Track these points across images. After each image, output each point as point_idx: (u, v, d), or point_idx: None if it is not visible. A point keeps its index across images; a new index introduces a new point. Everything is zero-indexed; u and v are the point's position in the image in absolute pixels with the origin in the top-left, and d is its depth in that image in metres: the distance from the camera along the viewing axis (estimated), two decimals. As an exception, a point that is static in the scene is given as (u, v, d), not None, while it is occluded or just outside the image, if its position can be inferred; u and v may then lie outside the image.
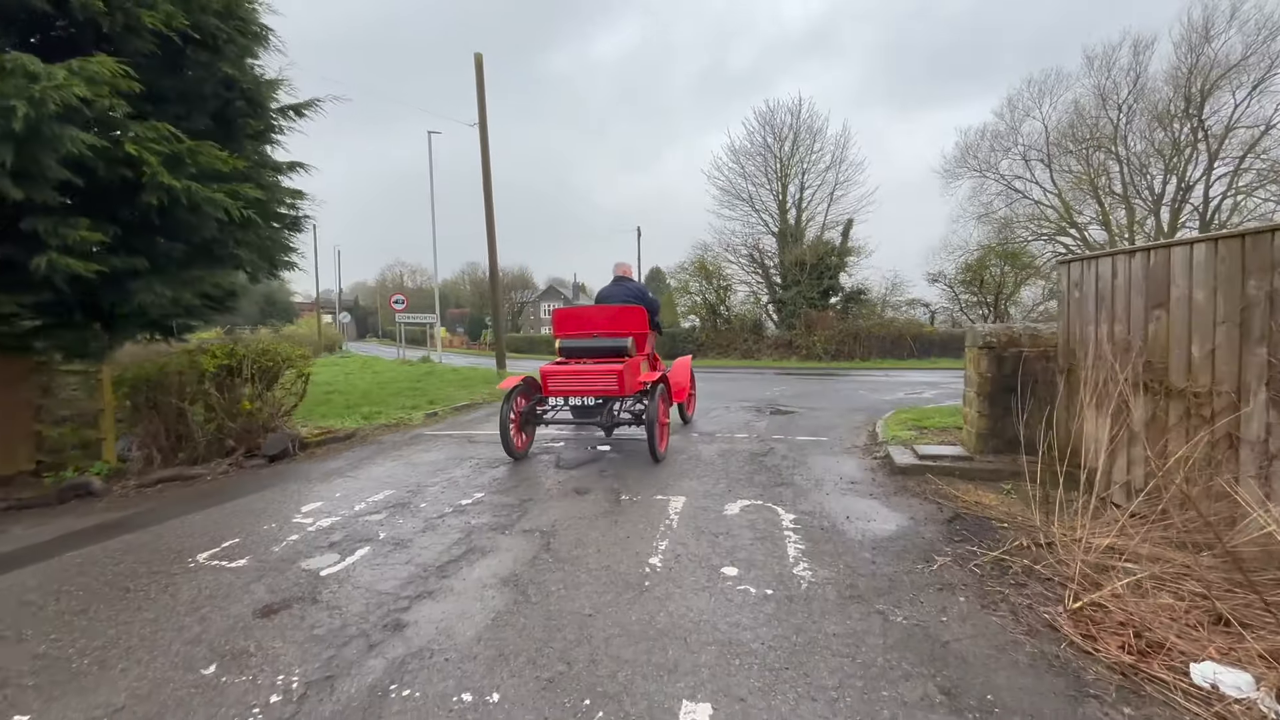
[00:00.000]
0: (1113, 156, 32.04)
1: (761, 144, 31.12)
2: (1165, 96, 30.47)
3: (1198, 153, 29.97)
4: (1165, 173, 31.05)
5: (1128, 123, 31.53)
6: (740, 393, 11.72)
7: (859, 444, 6.48)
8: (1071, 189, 33.31)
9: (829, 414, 8.72)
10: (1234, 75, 28.24)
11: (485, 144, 13.52)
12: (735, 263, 32.07)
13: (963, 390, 5.83)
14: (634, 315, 6.34)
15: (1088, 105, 32.73)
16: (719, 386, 12.81)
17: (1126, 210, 32.18)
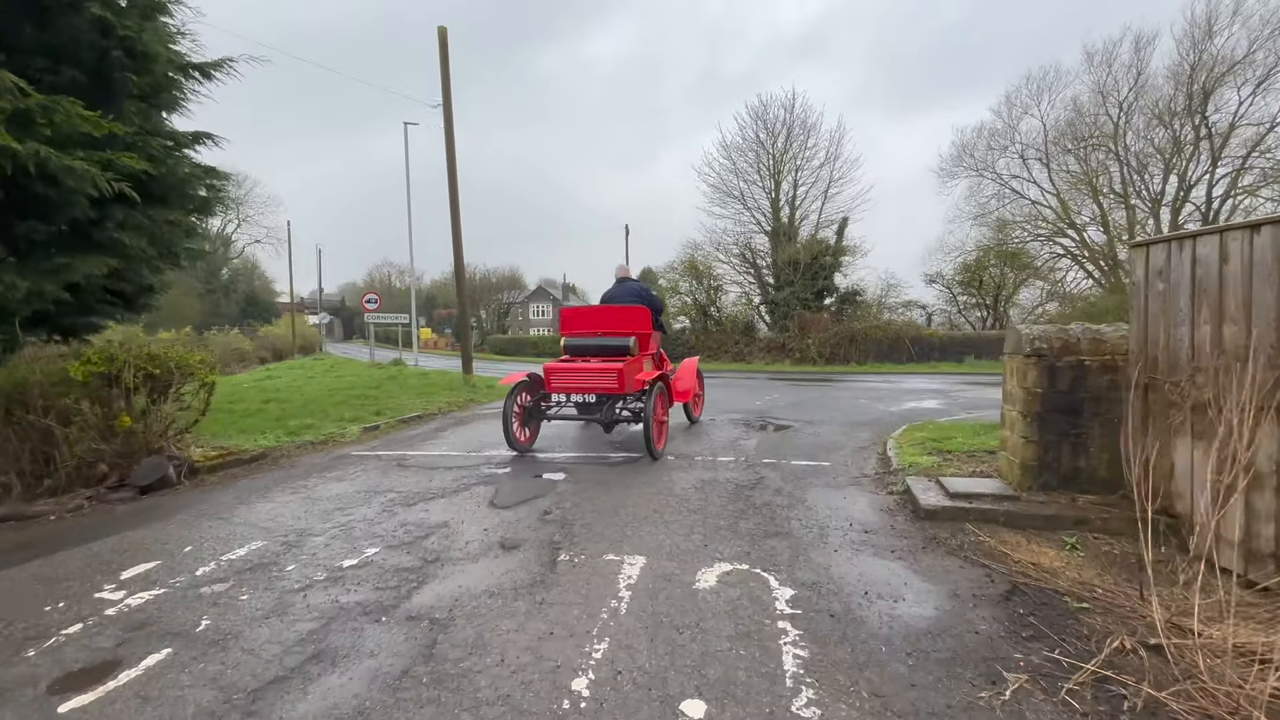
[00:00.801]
0: (1112, 155, 31.22)
1: (754, 139, 30.09)
2: (1167, 94, 29.69)
3: (1199, 152, 29.18)
4: (1166, 172, 30.26)
5: (1128, 121, 30.74)
6: (729, 401, 10.58)
7: (868, 472, 5.33)
8: (1070, 189, 32.48)
9: (829, 429, 7.58)
10: (1238, 72, 27.48)
11: (450, 126, 12.33)
12: (726, 262, 31.04)
13: (1001, 409, 4.69)
14: (637, 315, 6.51)
15: (1087, 103, 31.92)
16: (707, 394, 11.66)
17: (1126, 211, 31.36)
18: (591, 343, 6.54)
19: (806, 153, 29.36)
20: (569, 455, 6.18)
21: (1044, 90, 32.74)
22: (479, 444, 6.89)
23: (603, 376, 6.01)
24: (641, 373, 6.33)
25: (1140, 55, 30.17)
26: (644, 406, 5.87)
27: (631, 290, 7.07)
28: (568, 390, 6.23)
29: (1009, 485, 4.29)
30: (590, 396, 6.14)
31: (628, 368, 6.03)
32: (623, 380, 5.94)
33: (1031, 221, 32.66)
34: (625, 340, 6.31)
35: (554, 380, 6.24)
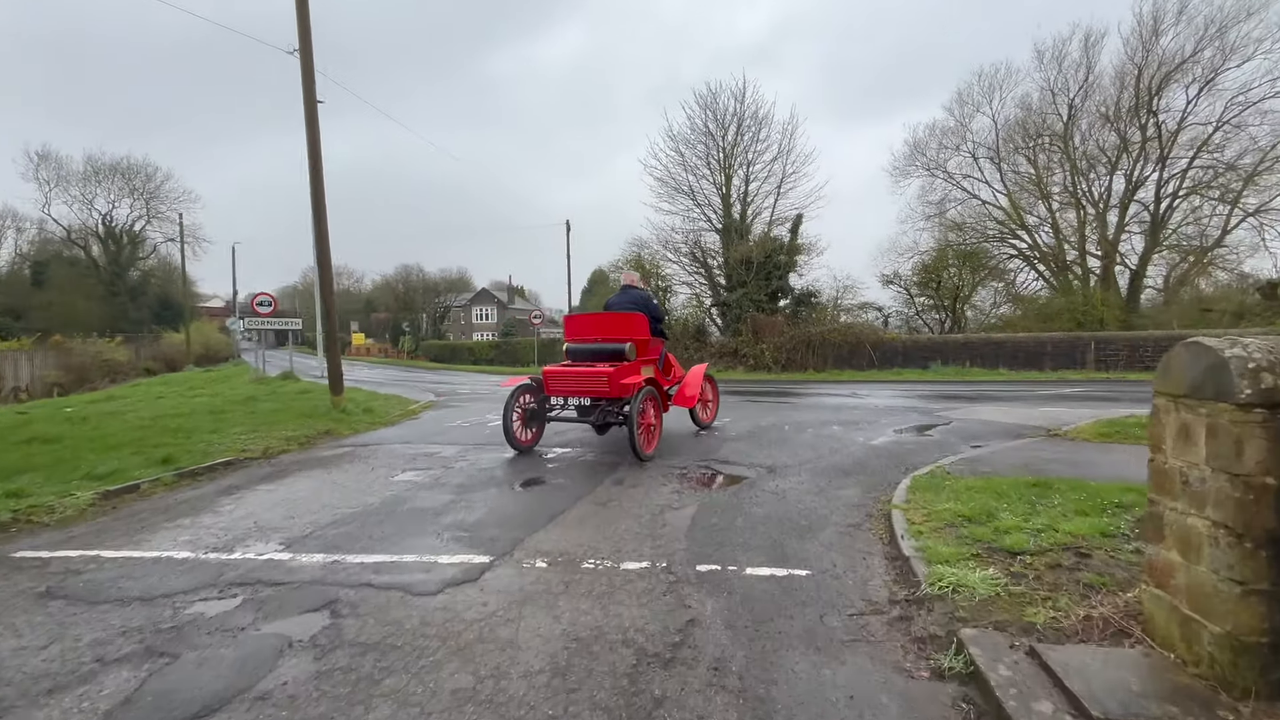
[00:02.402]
0: (1062, 155, 30.68)
1: (703, 130, 28.03)
2: (1113, 94, 29.29)
3: (1146, 152, 28.83)
4: (1112, 171, 29.88)
5: (1077, 120, 30.22)
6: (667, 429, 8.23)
7: (877, 597, 3.01)
8: (1019, 190, 31.86)
9: (799, 483, 5.28)
10: (1186, 70, 27.20)
11: (310, 75, 9.56)
12: (676, 262, 28.88)
13: (1158, 510, 2.42)
14: (634, 322, 6.75)
15: (1037, 101, 31.35)
16: None
17: (1077, 211, 30.88)
18: (590, 348, 6.81)
19: (758, 145, 27.52)
20: (347, 583, 3.65)
21: (995, 88, 31.96)
22: (255, 528, 4.28)
23: (595, 380, 6.30)
24: (631, 377, 6.38)
25: (1089, 54, 29.63)
26: (629, 411, 5.99)
27: (632, 298, 7.25)
28: (564, 393, 6.58)
29: (1199, 676, 2.03)
30: (585, 399, 6.42)
31: (618, 372, 6.26)
32: (613, 384, 6.19)
33: (980, 221, 31.89)
34: (621, 346, 6.56)
35: (552, 383, 6.61)
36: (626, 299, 7.25)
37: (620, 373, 6.28)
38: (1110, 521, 3.52)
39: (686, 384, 7.61)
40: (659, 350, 7.29)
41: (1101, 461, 5.49)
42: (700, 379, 7.81)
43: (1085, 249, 30.38)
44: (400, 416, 10.54)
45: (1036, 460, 5.63)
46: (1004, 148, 31.96)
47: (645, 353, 6.85)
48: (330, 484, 5.57)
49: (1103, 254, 29.94)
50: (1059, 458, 5.71)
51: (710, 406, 8.39)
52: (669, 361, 7.62)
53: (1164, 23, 27.63)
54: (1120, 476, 4.81)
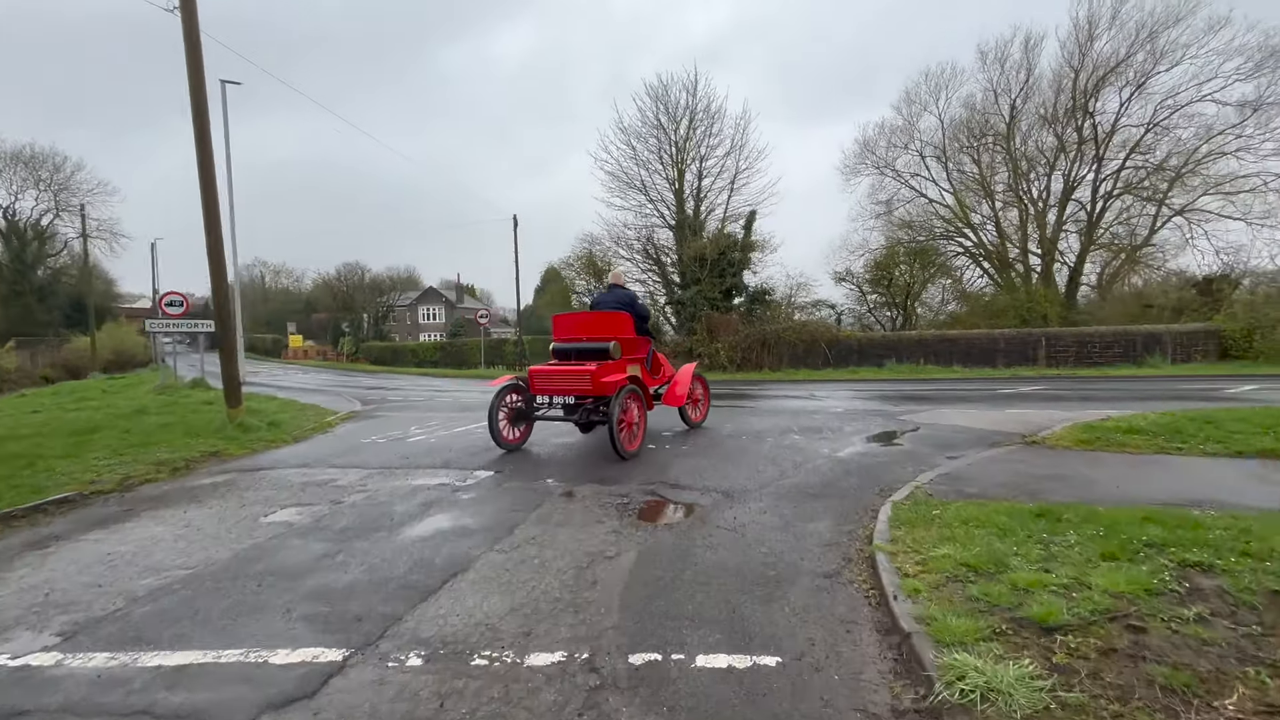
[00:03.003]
0: (1005, 154, 31.29)
1: (654, 123, 27.22)
2: (1051, 96, 30.01)
3: (1083, 153, 29.65)
4: (1050, 171, 30.62)
5: (1019, 120, 30.84)
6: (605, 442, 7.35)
7: (878, 694, 2.18)
8: (965, 188, 32.37)
9: (759, 512, 4.45)
10: (1118, 75, 28.04)
11: (194, 39, 8.18)
12: (629, 258, 27.98)
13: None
14: (618, 321, 6.83)
15: (980, 102, 31.85)
16: (574, 437, 8.38)
17: (1019, 210, 31.56)
18: (575, 347, 6.86)
19: (711, 140, 26.92)
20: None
21: (941, 88, 32.32)
22: (40, 605, 3.15)
23: (578, 379, 6.35)
24: (613, 375, 6.39)
25: (1029, 56, 30.22)
26: (609, 410, 6.02)
27: (617, 297, 7.28)
28: (549, 392, 6.63)
29: None
30: (570, 398, 6.45)
31: (600, 370, 6.28)
32: (595, 383, 6.23)
33: (928, 219, 32.26)
34: (605, 345, 6.57)
35: (537, 382, 6.66)
36: (612, 298, 7.30)
37: (602, 371, 6.32)
38: (1150, 572, 2.80)
39: (676, 383, 7.63)
40: (646, 349, 7.34)
41: (1096, 477, 4.88)
42: (689, 378, 7.82)
43: (1027, 247, 31.06)
44: (311, 430, 9.27)
45: (1025, 476, 4.98)
46: (950, 147, 32.37)
47: (631, 351, 6.91)
48: (180, 529, 4.41)
49: (1043, 252, 30.66)
50: (1048, 472, 5.09)
51: (701, 405, 8.41)
52: (658, 360, 7.69)
53: (1098, 27, 28.39)
54: (1127, 498, 4.18)
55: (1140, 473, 4.99)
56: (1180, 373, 14.77)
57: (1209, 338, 16.17)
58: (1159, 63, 27.09)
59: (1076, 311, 27.57)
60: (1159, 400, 9.72)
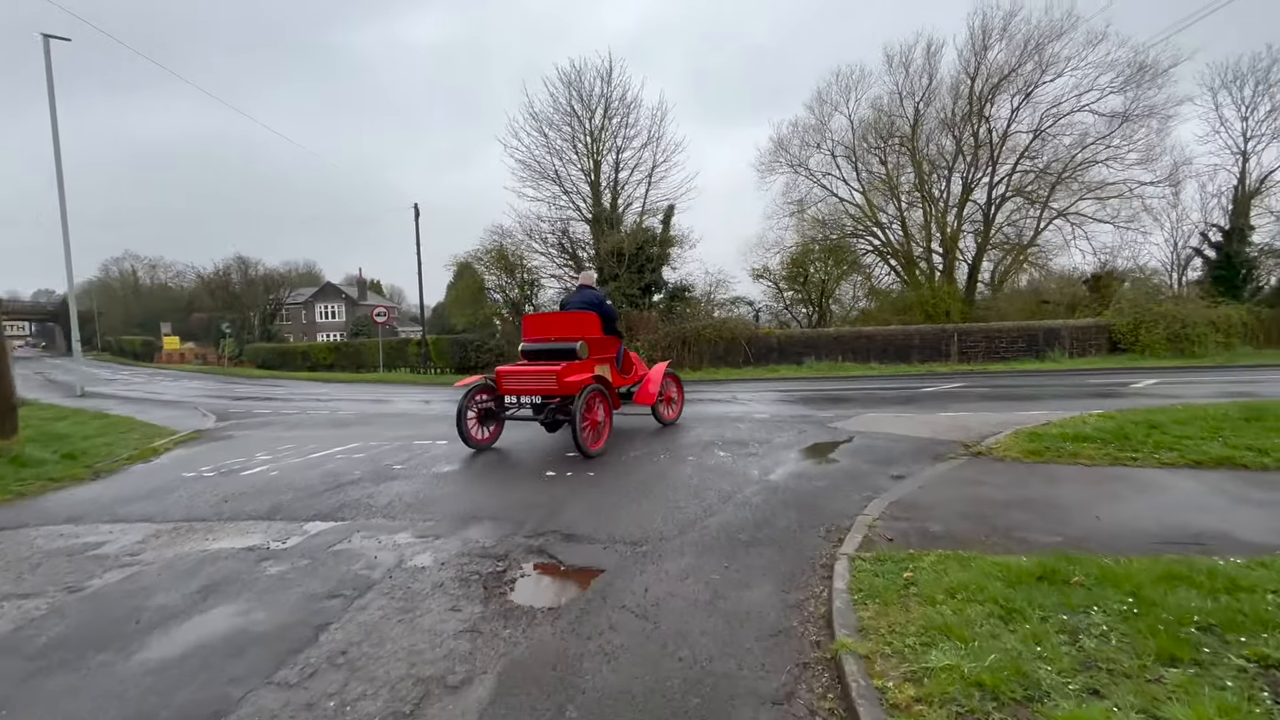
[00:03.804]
0: (910, 156, 32.39)
1: (567, 110, 25.83)
2: (949, 101, 31.31)
3: (979, 157, 31.16)
4: (949, 174, 32.00)
5: (922, 123, 31.98)
6: (487, 465, 6.04)
7: None
8: (873, 188, 33.28)
9: (679, 570, 3.36)
10: (1010, 83, 29.59)
11: None
12: (544, 252, 26.45)
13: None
14: (585, 321, 6.91)
15: (887, 104, 32.78)
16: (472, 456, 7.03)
17: (924, 210, 32.80)
18: (543, 347, 6.98)
19: (628, 131, 25.90)
20: None
21: (851, 89, 32.96)
22: None
23: (543, 379, 6.41)
24: (577, 375, 6.45)
25: (931, 61, 31.30)
26: (573, 409, 6.05)
27: (585, 298, 7.35)
28: (516, 392, 6.65)
29: None
30: (537, 398, 6.48)
31: (564, 370, 6.35)
32: (560, 382, 6.29)
33: (839, 218, 32.91)
34: (572, 345, 6.67)
35: (504, 383, 6.71)
36: (580, 299, 7.35)
37: (566, 371, 6.38)
38: (1238, 692, 1.91)
39: (648, 381, 7.70)
40: (615, 349, 7.39)
41: (1065, 501, 4.16)
42: (660, 377, 7.89)
43: (930, 246, 32.30)
44: (125, 461, 7.30)
45: (987, 504, 4.19)
46: (859, 147, 33.09)
47: (599, 351, 6.98)
48: None
49: (945, 251, 31.99)
50: (1010, 496, 4.33)
51: (675, 404, 8.41)
52: (629, 360, 7.78)
53: (991, 37, 29.79)
54: (1115, 533, 3.46)
55: (1107, 492, 4.33)
56: (1080, 366, 15.31)
57: (1100, 332, 16.99)
58: (1045, 73, 28.75)
59: (976, 307, 28.91)
60: (1078, 398, 9.61)
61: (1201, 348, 15.35)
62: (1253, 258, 27.05)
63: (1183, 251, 31.04)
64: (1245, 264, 26.64)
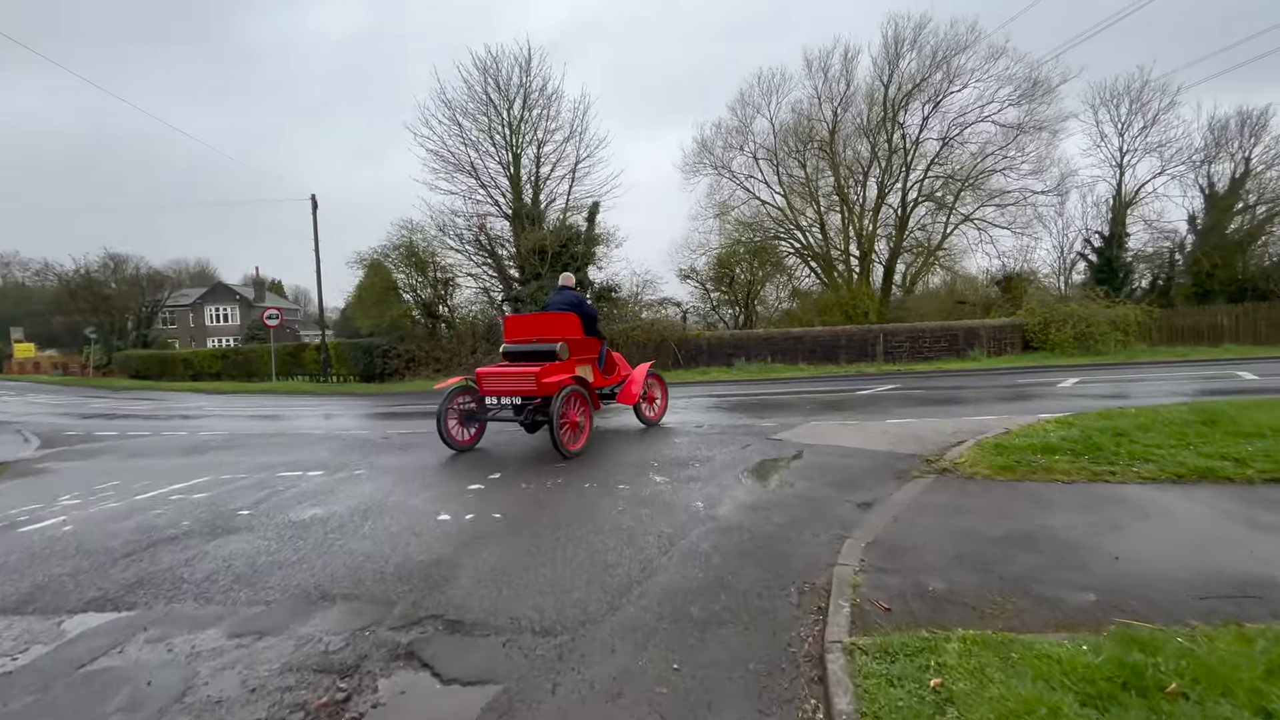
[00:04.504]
0: (829, 160, 33.04)
1: (483, 99, 24.23)
2: (865, 108, 32.20)
3: (893, 163, 32.21)
4: (865, 179, 32.91)
5: (840, 128, 32.68)
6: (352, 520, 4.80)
7: None
8: (793, 191, 33.73)
9: (607, 679, 2.36)
10: (921, 91, 30.72)
11: None
12: (460, 249, 24.65)
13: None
14: (566, 322, 6.91)
15: (807, 108, 33.30)
16: (355, 487, 5.72)
17: (842, 213, 33.55)
18: (524, 349, 6.99)
19: (549, 123, 24.64)
20: None
21: (772, 91, 33.23)
22: None
23: (523, 380, 6.43)
24: (555, 376, 6.45)
25: (848, 68, 32.06)
26: (550, 409, 6.05)
27: (566, 299, 7.32)
28: (496, 393, 6.66)
29: None
30: (517, 399, 6.49)
31: (544, 371, 6.36)
32: (539, 383, 6.30)
33: (761, 220, 33.11)
34: (552, 346, 6.68)
35: (485, 384, 6.75)
36: (561, 299, 7.35)
37: (545, 372, 6.40)
38: None
39: (631, 382, 7.75)
40: (597, 349, 7.42)
41: (1063, 532, 3.50)
42: (643, 378, 7.93)
43: (848, 249, 33.08)
44: None
45: (981, 543, 3.46)
46: (780, 150, 33.45)
47: (580, 352, 7.01)
48: None
49: (861, 254, 32.85)
50: (1003, 531, 3.63)
51: (658, 404, 8.40)
52: (612, 360, 7.81)
53: (903, 46, 30.83)
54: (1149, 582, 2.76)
55: (1105, 520, 3.72)
56: (1001, 365, 15.69)
57: (1015, 331, 17.58)
58: (952, 84, 30.02)
59: (892, 308, 29.80)
60: (1015, 401, 9.44)
61: (1104, 345, 16.17)
62: (1128, 262, 29.43)
63: (1068, 256, 33.46)
64: (1123, 268, 28.90)
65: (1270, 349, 16.79)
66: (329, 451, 7.42)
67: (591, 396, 6.91)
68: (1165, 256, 29.55)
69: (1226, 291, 24.58)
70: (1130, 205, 30.46)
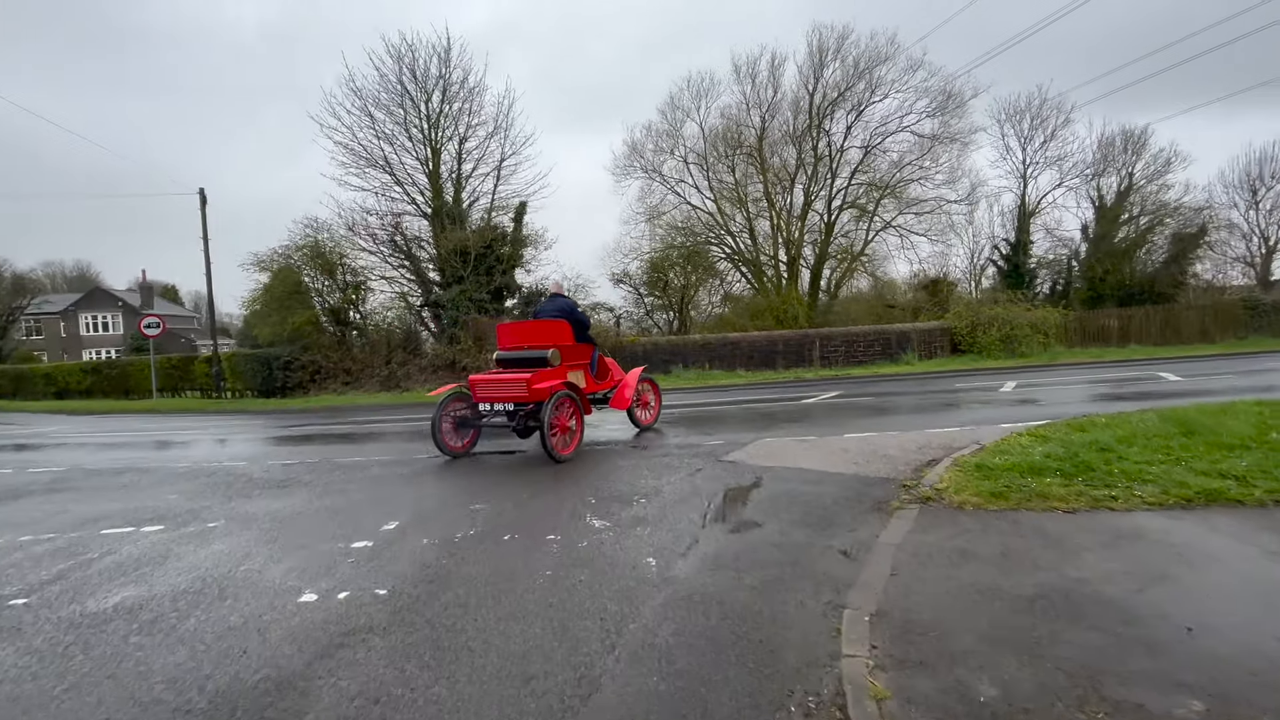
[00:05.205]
0: (758, 166, 33.23)
1: (398, 89, 22.43)
2: (790, 116, 32.64)
3: (819, 170, 32.79)
4: (792, 185, 33.34)
5: (768, 135, 32.95)
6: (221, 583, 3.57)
7: None
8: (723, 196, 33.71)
9: None
10: (845, 100, 31.42)
11: None
12: (373, 250, 22.62)
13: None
14: (557, 329, 7.10)
15: (735, 114, 33.38)
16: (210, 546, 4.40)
17: (771, 219, 33.81)
18: (517, 355, 7.13)
19: (471, 119, 23.11)
20: None
21: (701, 96, 33.12)
22: None
23: (515, 387, 6.56)
24: (546, 382, 6.55)
25: (775, 75, 32.41)
26: (541, 415, 6.19)
27: (557, 306, 7.47)
28: (489, 400, 6.82)
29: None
30: (510, 405, 6.63)
31: (535, 377, 6.50)
32: (530, 389, 6.42)
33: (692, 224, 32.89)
34: (544, 352, 6.86)
35: (479, 390, 6.89)
36: (553, 307, 7.49)
37: (537, 378, 6.52)
38: None
39: (625, 386, 7.88)
40: (589, 355, 7.59)
41: (1106, 589, 2.82)
42: (635, 382, 8.04)
43: (777, 254, 33.36)
44: None
45: (1014, 611, 2.73)
46: (710, 155, 33.36)
47: (572, 358, 7.19)
48: None
49: (789, 259, 33.21)
50: (1031, 589, 2.92)
51: (652, 408, 8.58)
52: (604, 365, 7.93)
53: (828, 56, 31.45)
54: (1255, 668, 2.04)
55: (1143, 567, 3.10)
56: (935, 369, 15.80)
57: (944, 335, 17.89)
58: (874, 94, 30.86)
59: (820, 312, 30.22)
60: (965, 407, 9.15)
61: (1028, 348, 16.69)
62: (1032, 268, 31.25)
63: (979, 262, 35.25)
64: (1028, 273, 30.65)
65: (1169, 349, 17.96)
66: (182, 494, 5.95)
67: (583, 401, 7.04)
68: (1064, 262, 31.56)
69: (1116, 295, 26.45)
70: (1033, 214, 32.32)
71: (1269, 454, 4.57)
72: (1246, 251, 33.48)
